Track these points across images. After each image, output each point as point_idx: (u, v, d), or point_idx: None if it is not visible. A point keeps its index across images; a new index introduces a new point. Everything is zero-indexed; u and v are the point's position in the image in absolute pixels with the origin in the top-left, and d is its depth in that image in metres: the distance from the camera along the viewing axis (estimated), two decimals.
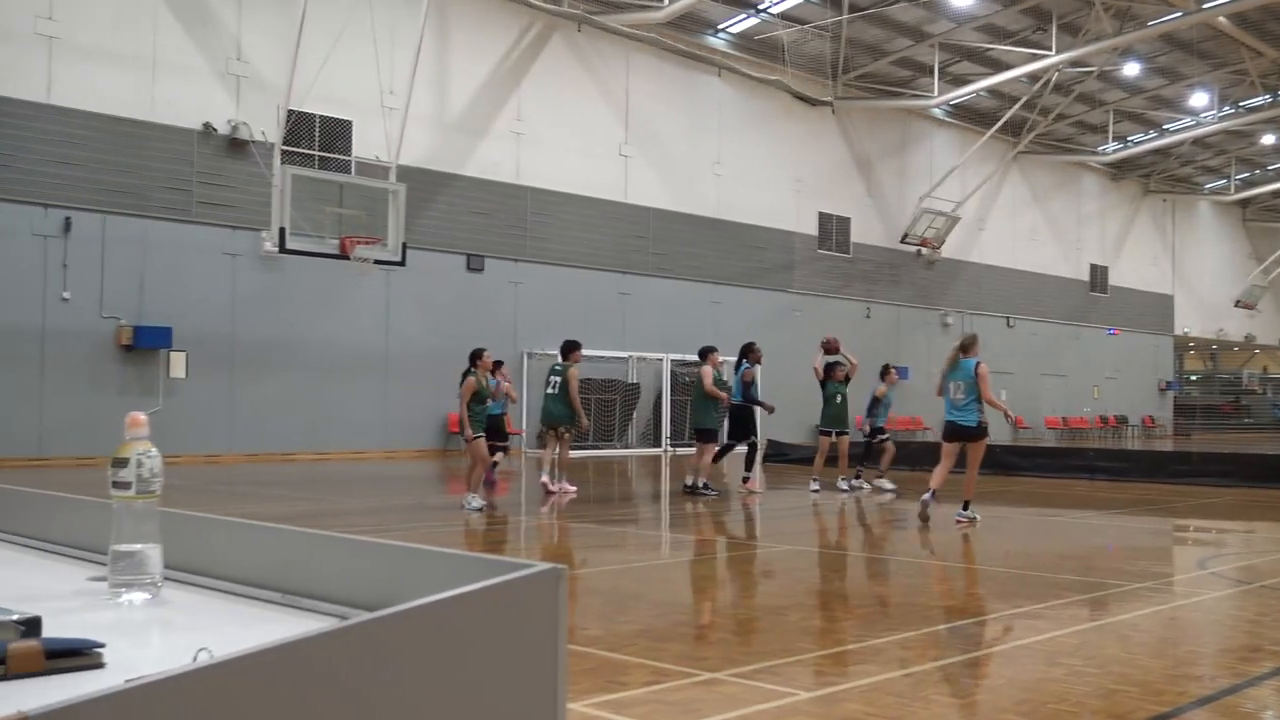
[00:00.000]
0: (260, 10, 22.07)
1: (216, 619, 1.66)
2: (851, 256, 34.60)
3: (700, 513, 13.73)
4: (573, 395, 14.77)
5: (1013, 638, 6.38)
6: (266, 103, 21.37)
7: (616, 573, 9.01)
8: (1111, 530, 12.43)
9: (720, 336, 29.92)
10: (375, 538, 1.67)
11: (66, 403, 19.74)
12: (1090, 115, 39.52)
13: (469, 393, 12.60)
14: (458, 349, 24.77)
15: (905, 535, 12.23)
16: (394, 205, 20.40)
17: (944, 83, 33.24)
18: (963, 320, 38.19)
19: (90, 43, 20.21)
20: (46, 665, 1.30)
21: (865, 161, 35.12)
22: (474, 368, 12.92)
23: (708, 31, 30.32)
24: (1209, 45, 34.07)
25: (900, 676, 5.32)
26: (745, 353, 16.24)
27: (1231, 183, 48.06)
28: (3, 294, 19.28)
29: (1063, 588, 8.00)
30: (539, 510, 13.77)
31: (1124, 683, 5.18)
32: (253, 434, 22.07)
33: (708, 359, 15.63)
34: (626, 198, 28.45)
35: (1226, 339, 54.29)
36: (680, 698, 4.87)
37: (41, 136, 19.75)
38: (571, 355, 14.95)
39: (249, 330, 21.98)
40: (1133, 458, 22.45)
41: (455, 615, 1.29)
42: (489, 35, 25.84)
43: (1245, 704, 4.96)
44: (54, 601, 1.72)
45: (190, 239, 21.30)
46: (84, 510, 2.15)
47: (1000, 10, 30.97)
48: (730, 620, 6.92)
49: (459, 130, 25.31)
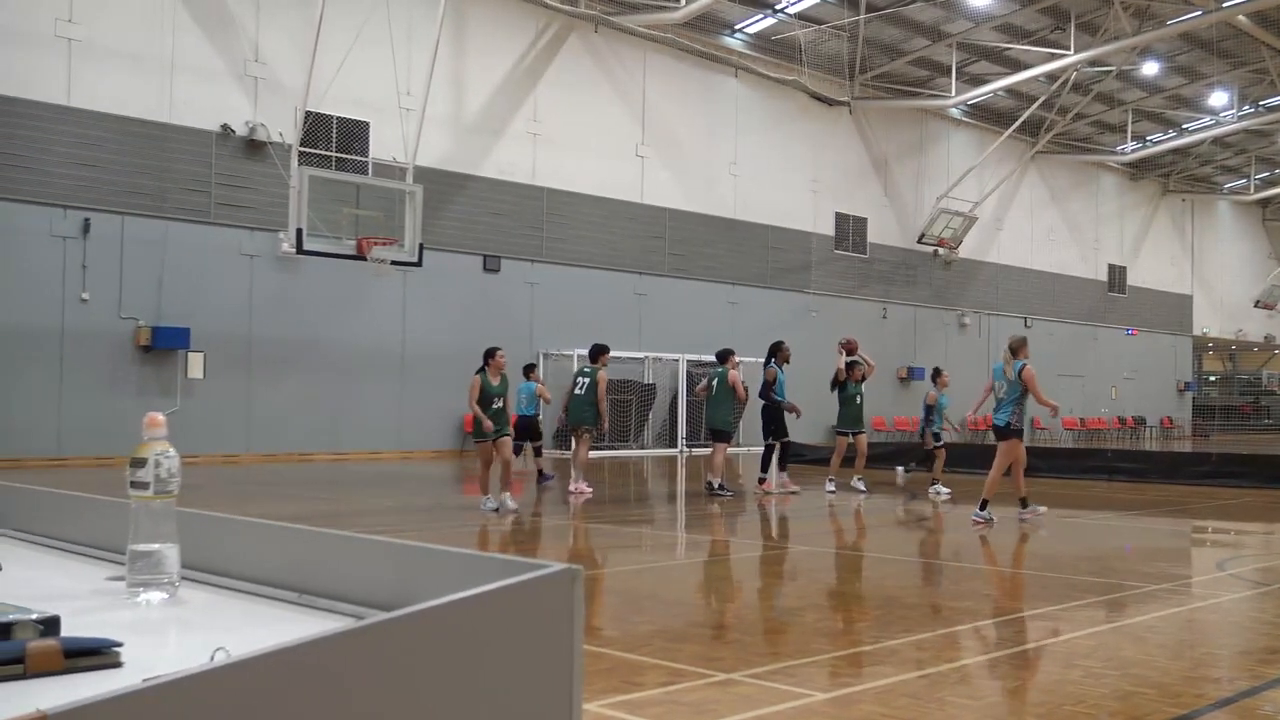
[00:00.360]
0: (278, 12, 22.15)
1: (233, 619, 1.66)
2: (868, 257, 34.53)
3: (716, 513, 13.72)
4: (600, 398, 15.09)
5: (1029, 639, 6.35)
6: (284, 104, 21.44)
7: (632, 573, 9.01)
8: (1129, 532, 12.37)
9: (737, 337, 29.89)
10: (392, 538, 1.67)
11: (85, 403, 19.84)
12: (1109, 115, 39.35)
13: (475, 391, 12.39)
14: (474, 350, 24.75)
15: (920, 536, 12.21)
16: (411, 206, 20.45)
17: (961, 82, 33.14)
18: (980, 321, 38.07)
19: (109, 45, 20.31)
20: (65, 664, 1.31)
21: (882, 162, 35.04)
22: (485, 367, 12.56)
23: (724, 32, 30.29)
24: (1229, 44, 33.87)
25: (916, 678, 5.30)
26: (773, 352, 16.22)
27: (1251, 182, 47.78)
28: (22, 295, 19.39)
29: (1080, 589, 7.96)
30: (563, 510, 13.77)
31: (1142, 685, 5.16)
32: (270, 434, 22.14)
33: (729, 361, 15.79)
34: (643, 198, 28.45)
35: (1246, 339, 53.96)
36: (695, 698, 4.87)
37: (61, 138, 19.86)
38: (600, 358, 15.35)
39: (266, 331, 22.06)
40: (1151, 459, 22.34)
41: (471, 615, 1.30)
42: (506, 36, 25.88)
43: (1264, 706, 4.93)
44: (72, 601, 1.72)
45: (208, 240, 21.40)
46: (102, 510, 2.16)
47: (1018, 9, 30.85)
48: (745, 621, 6.91)
49: (476, 131, 25.35)
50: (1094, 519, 13.48)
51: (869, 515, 14.22)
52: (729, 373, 15.57)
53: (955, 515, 13.50)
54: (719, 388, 15.77)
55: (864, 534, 12.59)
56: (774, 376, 15.93)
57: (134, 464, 1.74)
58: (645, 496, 17.66)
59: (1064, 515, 13.81)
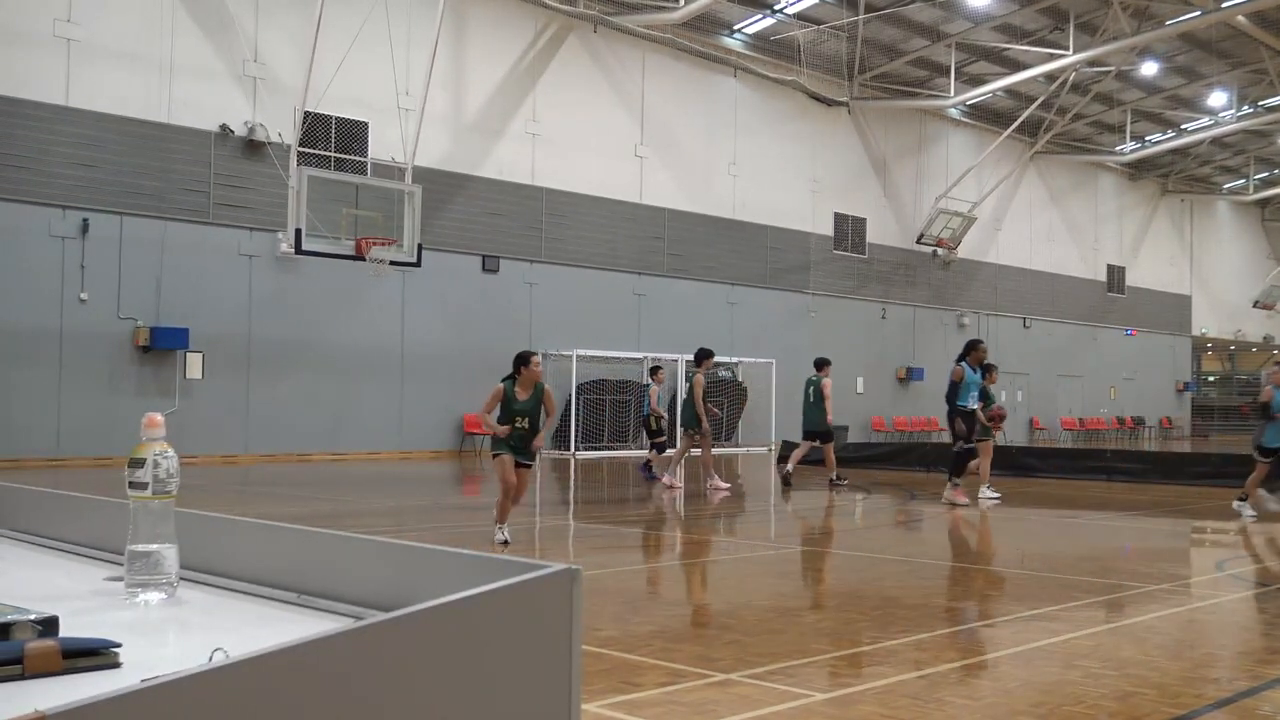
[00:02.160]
0: (277, 12, 22.15)
1: (232, 619, 1.66)
2: (867, 257, 34.53)
3: (716, 514, 13.72)
4: (695, 399, 16.11)
5: (1029, 639, 6.35)
6: (283, 104, 21.44)
7: (631, 573, 9.01)
8: (1129, 532, 12.37)
9: (735, 337, 30.00)
10: (391, 538, 1.67)
11: (84, 403, 19.83)
12: (1108, 115, 39.36)
13: (492, 402, 9.83)
14: (473, 350, 24.96)
15: (921, 536, 12.21)
16: (410, 206, 20.45)
17: (960, 83, 33.15)
18: (979, 321, 38.08)
19: (108, 45, 20.30)
20: (64, 665, 1.31)
21: (881, 162, 35.05)
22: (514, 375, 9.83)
23: (723, 32, 30.29)
24: (1227, 44, 33.88)
25: (915, 678, 5.30)
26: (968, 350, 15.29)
27: (1250, 183, 47.80)
28: (21, 295, 19.38)
29: (1079, 589, 7.96)
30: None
31: (1141, 685, 5.16)
32: (269, 435, 22.14)
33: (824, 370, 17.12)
34: (642, 198, 28.45)
35: (1244, 340, 53.98)
36: (694, 699, 4.87)
37: (59, 138, 19.85)
38: (703, 363, 16.45)
39: (265, 331, 22.05)
40: (1150, 459, 22.32)
41: (470, 616, 1.30)
42: (505, 36, 25.88)
43: (1263, 707, 4.93)
44: (71, 601, 1.72)
45: (207, 240, 21.39)
46: (101, 510, 2.16)
47: (1017, 10, 30.86)
48: (744, 621, 6.91)
49: (474, 131, 25.35)
50: (1093, 519, 13.48)
51: (868, 515, 14.21)
52: (824, 380, 16.87)
53: (956, 516, 13.49)
54: (816, 394, 16.99)
55: (860, 534, 12.58)
56: (961, 376, 14.41)
57: (133, 464, 1.74)
58: (645, 497, 17.66)
59: (1064, 515, 13.80)
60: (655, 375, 18.92)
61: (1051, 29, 31.86)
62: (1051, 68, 31.90)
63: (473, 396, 24.84)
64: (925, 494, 15.97)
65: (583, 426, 26.19)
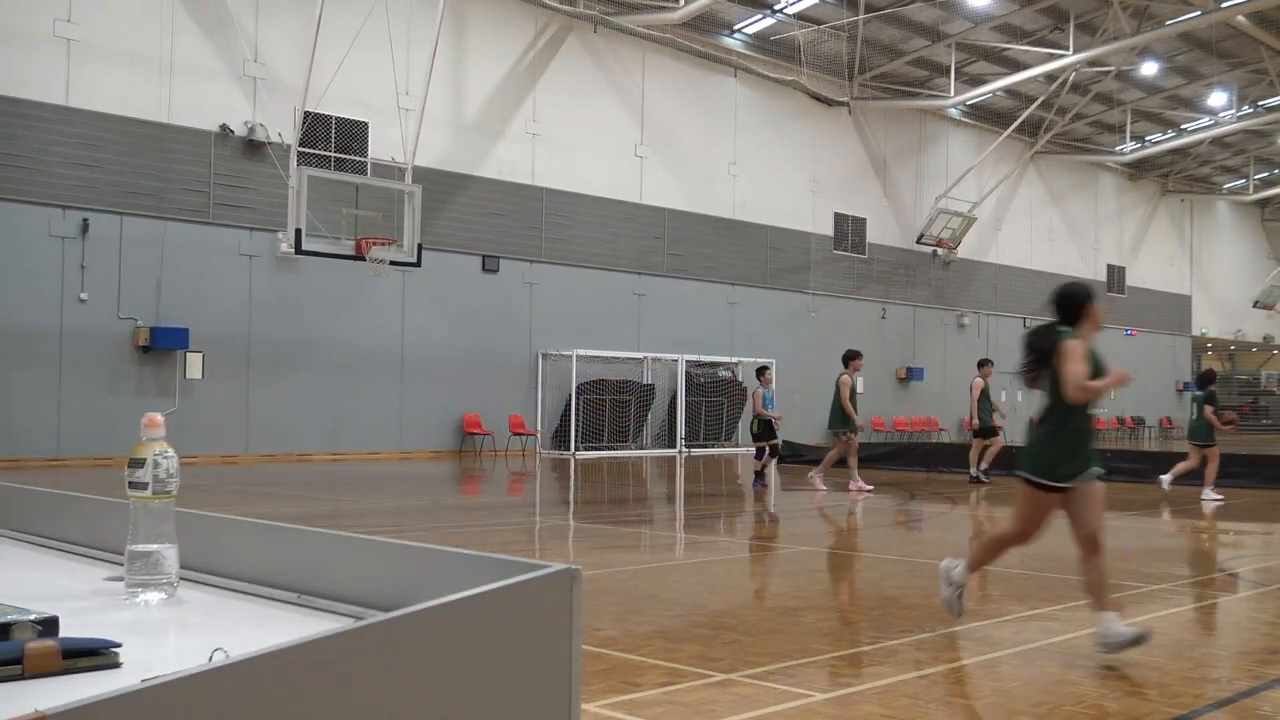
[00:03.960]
0: (277, 12, 22.15)
1: (232, 619, 1.66)
2: (867, 257, 34.53)
3: (716, 514, 13.72)
4: (842, 401, 16.14)
5: (1029, 639, 6.35)
6: (283, 104, 21.44)
7: (631, 573, 9.01)
8: (1129, 532, 12.37)
9: (736, 338, 30.01)
10: (391, 538, 1.67)
11: (84, 403, 19.83)
12: (1108, 115, 39.36)
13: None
14: (473, 350, 24.98)
15: (921, 536, 12.21)
16: (410, 206, 20.46)
17: (960, 83, 33.15)
18: (979, 321, 38.09)
19: (108, 45, 20.30)
20: (63, 665, 1.31)
21: (881, 162, 35.05)
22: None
23: (723, 32, 30.29)
24: (1228, 44, 33.88)
25: (915, 678, 5.30)
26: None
27: (1250, 183, 47.79)
28: (21, 295, 19.38)
29: (1079, 589, 7.95)
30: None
31: (1141, 685, 5.16)
32: (269, 435, 22.14)
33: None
34: (642, 198, 28.45)
35: (1245, 340, 53.99)
36: (694, 699, 4.87)
37: (59, 138, 19.85)
38: (851, 364, 16.38)
39: (265, 331, 22.05)
40: (1150, 459, 22.31)
41: (470, 616, 1.30)
42: (505, 36, 25.88)
43: (1263, 706, 4.93)
44: (71, 601, 1.72)
45: (207, 240, 21.39)
46: (101, 510, 2.16)
47: (1017, 10, 30.86)
48: (745, 621, 6.91)
49: (474, 131, 25.35)
50: None
51: (868, 515, 14.21)
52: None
53: (957, 516, 13.49)
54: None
55: (862, 534, 12.59)
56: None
57: (133, 464, 1.74)
58: (644, 497, 17.67)
59: (1063, 515, 13.78)
60: (762, 376, 17.49)
61: (1051, 29, 31.86)
62: (1051, 68, 31.90)
63: (473, 396, 24.90)
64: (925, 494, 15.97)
65: (583, 426, 26.19)
